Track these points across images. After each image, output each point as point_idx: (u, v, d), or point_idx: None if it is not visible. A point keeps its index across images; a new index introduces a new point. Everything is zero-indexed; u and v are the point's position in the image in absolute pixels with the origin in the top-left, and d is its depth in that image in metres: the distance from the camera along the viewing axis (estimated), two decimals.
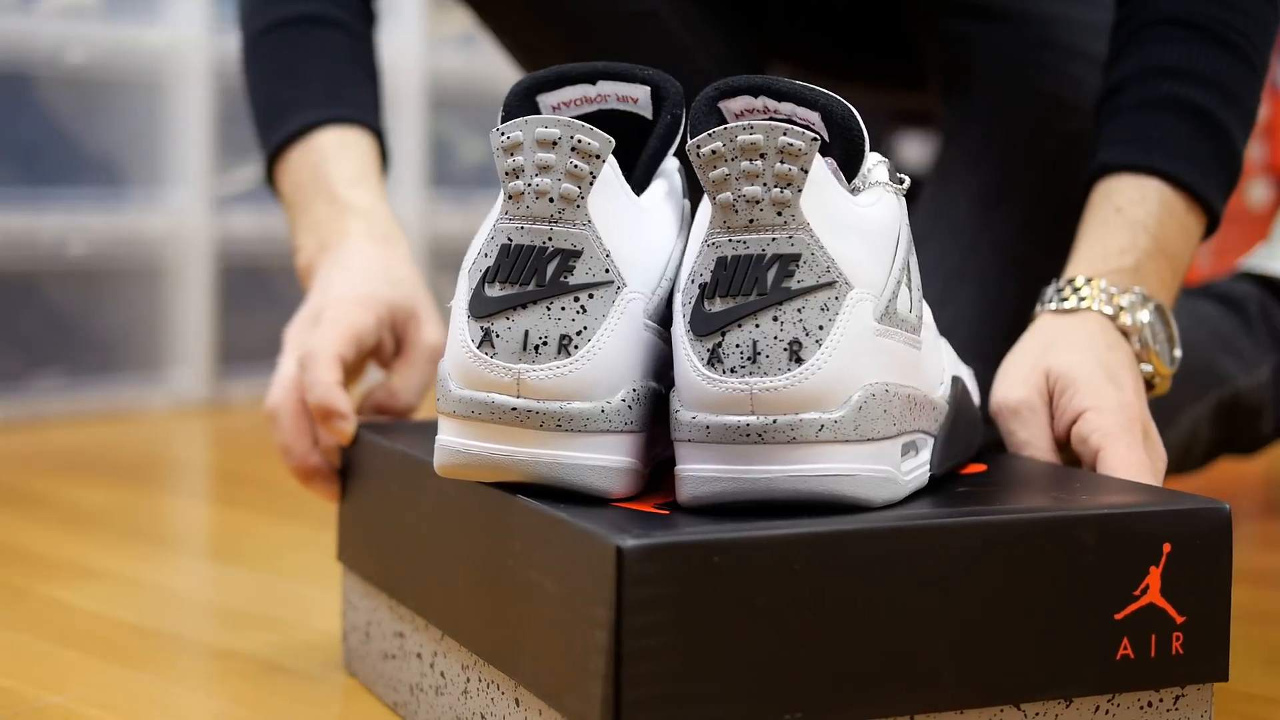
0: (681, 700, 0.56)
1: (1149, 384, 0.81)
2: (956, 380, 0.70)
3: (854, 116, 0.63)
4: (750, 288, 0.58)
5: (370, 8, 1.03)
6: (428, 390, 0.82)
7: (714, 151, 0.58)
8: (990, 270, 1.07)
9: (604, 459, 0.62)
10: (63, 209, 1.76)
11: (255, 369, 1.93)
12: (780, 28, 1.23)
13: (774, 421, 0.58)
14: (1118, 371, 0.77)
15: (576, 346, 0.61)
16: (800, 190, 0.58)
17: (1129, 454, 0.72)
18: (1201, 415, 1.06)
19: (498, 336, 0.61)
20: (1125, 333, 0.80)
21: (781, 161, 0.58)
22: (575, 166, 0.60)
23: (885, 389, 0.60)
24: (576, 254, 0.61)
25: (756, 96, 0.65)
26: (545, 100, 0.69)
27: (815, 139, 0.58)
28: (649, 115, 0.69)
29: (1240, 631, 0.94)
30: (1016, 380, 0.77)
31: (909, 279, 0.64)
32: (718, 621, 0.56)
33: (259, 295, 1.97)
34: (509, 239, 0.61)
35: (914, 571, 0.59)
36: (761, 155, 0.58)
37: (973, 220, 1.09)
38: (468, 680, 0.68)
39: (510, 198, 0.61)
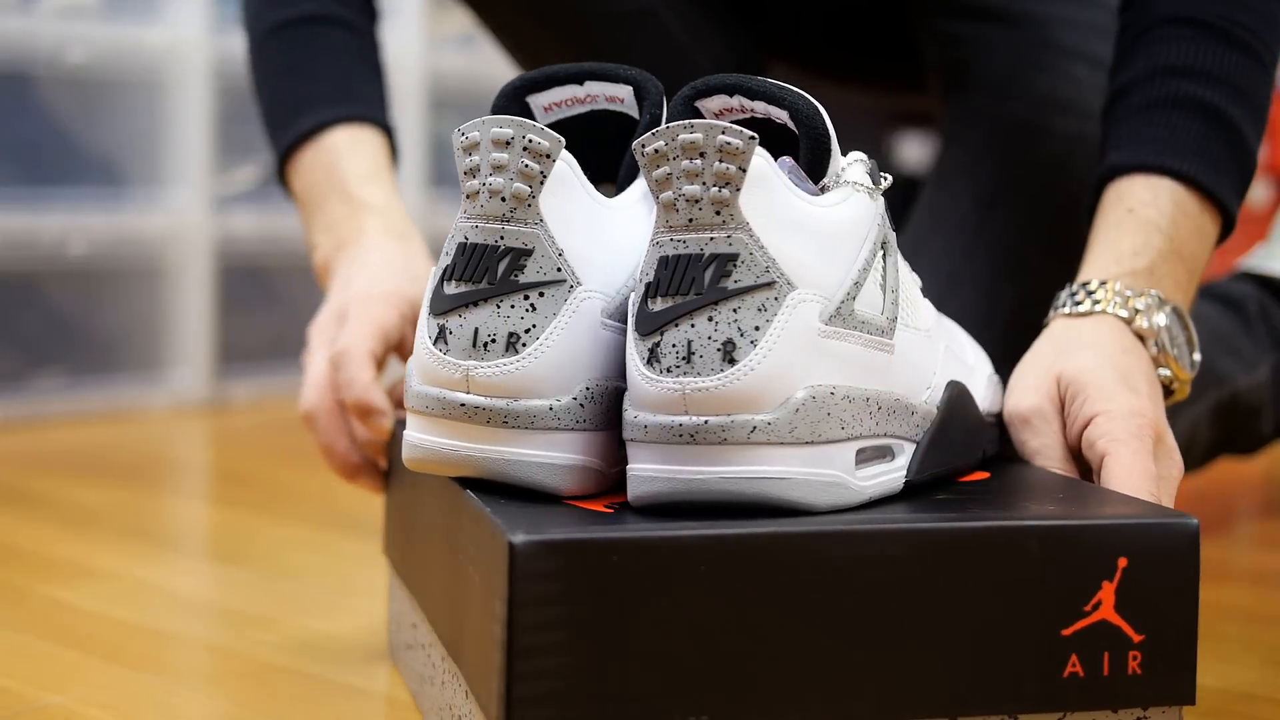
0: (575, 698, 0.56)
1: (1168, 389, 0.79)
2: (952, 385, 0.69)
3: (820, 115, 0.63)
4: (688, 287, 0.58)
5: (373, 5, 1.03)
6: None
7: (657, 151, 0.58)
8: (989, 271, 1.07)
9: (552, 456, 0.62)
10: (63, 209, 1.76)
11: (255, 369, 1.93)
12: (779, 28, 1.23)
13: (705, 422, 0.58)
14: (1133, 376, 0.74)
15: (524, 344, 0.61)
16: (739, 190, 0.58)
17: (1133, 461, 0.69)
18: (1201, 415, 1.06)
19: (451, 333, 0.62)
20: (1141, 336, 0.77)
21: (720, 160, 0.57)
22: (526, 166, 0.61)
23: (831, 391, 0.59)
24: (527, 253, 0.61)
25: (732, 95, 0.64)
26: (536, 101, 0.69)
27: (753, 138, 0.57)
28: (636, 115, 0.69)
29: (1240, 631, 0.94)
30: (1028, 387, 0.75)
31: (883, 280, 0.63)
32: (616, 621, 0.56)
33: (259, 295, 1.97)
34: (465, 237, 0.62)
35: (832, 577, 0.57)
36: (701, 154, 0.58)
37: (972, 221, 1.09)
38: (444, 671, 0.69)
39: (468, 197, 0.62)
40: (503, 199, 0.61)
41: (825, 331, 0.59)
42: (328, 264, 0.92)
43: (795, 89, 0.63)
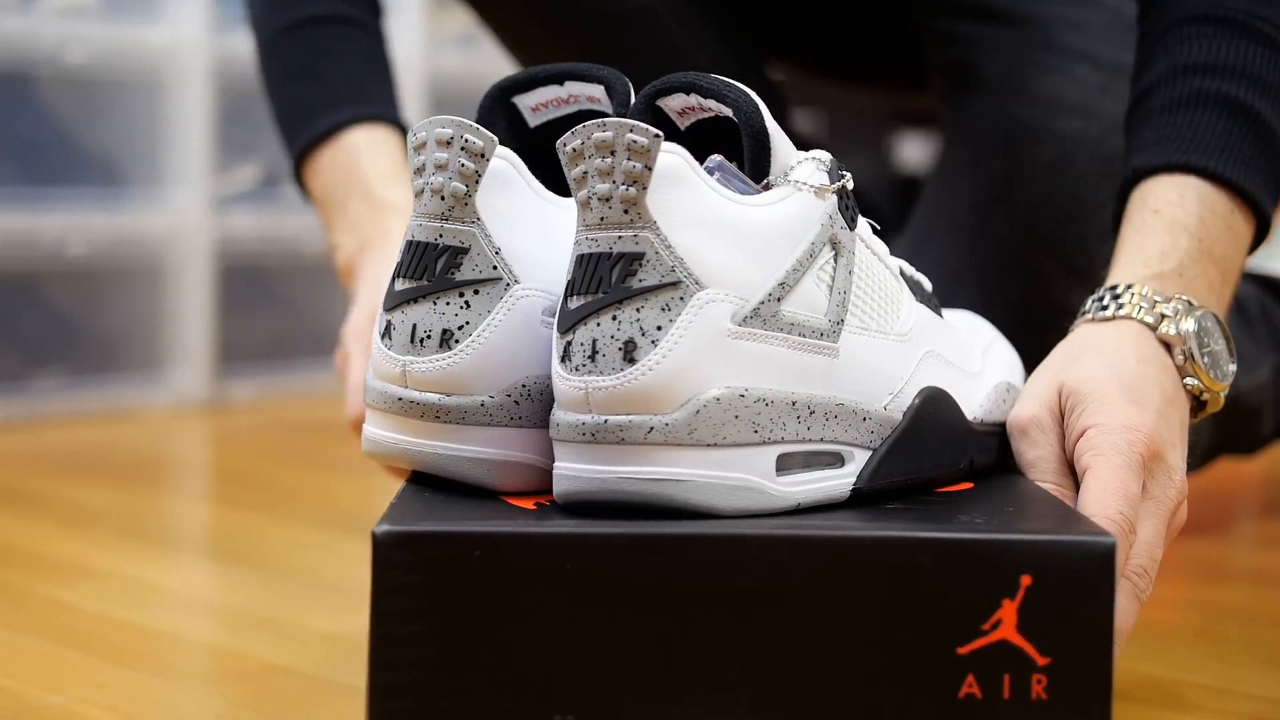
0: (434, 690, 0.57)
1: (1198, 401, 0.75)
2: (925, 391, 0.67)
3: (758, 113, 0.62)
4: (596, 286, 0.58)
5: (378, 1, 1.04)
6: None
7: (575, 150, 0.59)
8: (991, 271, 1.07)
9: (483, 452, 0.63)
10: (63, 209, 1.76)
11: (255, 369, 1.93)
12: (779, 27, 1.23)
13: (605, 422, 0.58)
14: (1142, 386, 0.70)
15: (457, 341, 0.63)
16: (646, 188, 0.58)
17: (1110, 477, 0.66)
18: None
19: (394, 329, 0.64)
20: (1167, 344, 0.73)
21: (629, 159, 0.58)
22: (464, 165, 0.62)
23: (741, 394, 0.58)
24: (464, 251, 0.62)
25: (689, 94, 0.64)
26: (523, 101, 0.70)
27: (658, 135, 0.57)
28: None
29: (1240, 631, 0.94)
30: (1031, 396, 0.72)
31: (830, 281, 0.62)
32: (481, 615, 0.57)
33: (259, 295, 1.97)
34: (412, 235, 0.64)
35: (704, 581, 0.57)
36: (612, 152, 0.58)
37: (973, 220, 1.09)
38: None
39: (416, 195, 0.63)
40: (442, 198, 0.63)
41: (738, 333, 0.59)
42: (351, 265, 0.92)
43: (740, 86, 0.62)
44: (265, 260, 1.95)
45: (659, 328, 0.57)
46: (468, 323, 0.63)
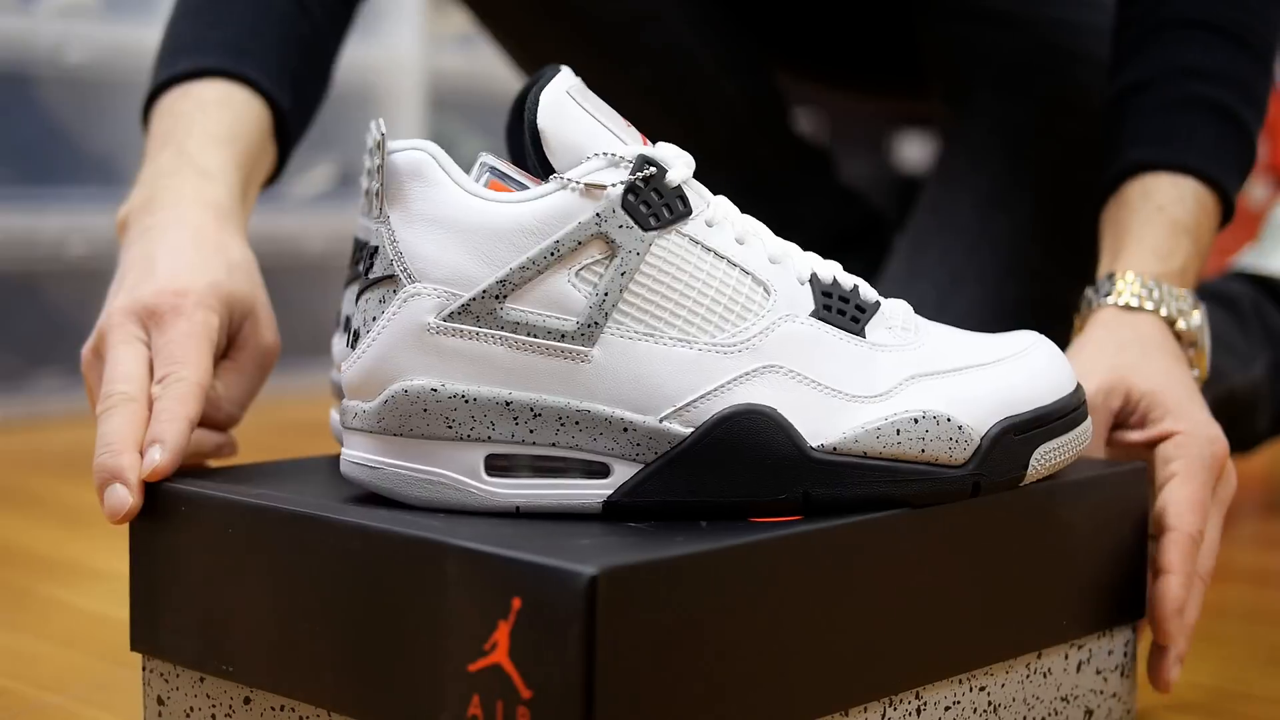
0: (155, 626, 0.64)
1: None
2: (735, 408, 0.59)
3: (535, 109, 0.60)
4: (355, 278, 0.62)
5: (347, 9, 0.95)
6: (252, 401, 0.78)
7: (369, 149, 0.62)
8: (993, 271, 1.07)
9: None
10: (63, 209, 1.76)
11: None
12: (783, 33, 1.23)
13: (345, 405, 0.62)
14: (1194, 390, 0.77)
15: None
16: (383, 183, 0.60)
17: (1192, 494, 0.72)
18: None
19: (340, 321, 0.68)
20: (1180, 337, 0.80)
21: (374, 155, 0.61)
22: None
23: (434, 389, 0.59)
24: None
25: None
26: None
27: (383, 133, 0.60)
28: None
29: (1240, 631, 0.94)
30: (1091, 372, 0.75)
31: (596, 281, 0.59)
32: (182, 570, 0.63)
33: None
34: (357, 234, 0.68)
35: (305, 561, 0.59)
36: (370, 149, 0.61)
37: (975, 221, 1.09)
38: None
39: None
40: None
41: (441, 328, 0.59)
42: (125, 221, 0.82)
43: (544, 81, 0.60)
44: (265, 260, 1.93)
45: (374, 319, 0.60)
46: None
